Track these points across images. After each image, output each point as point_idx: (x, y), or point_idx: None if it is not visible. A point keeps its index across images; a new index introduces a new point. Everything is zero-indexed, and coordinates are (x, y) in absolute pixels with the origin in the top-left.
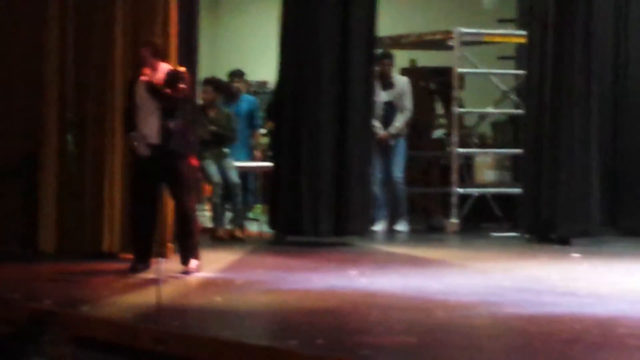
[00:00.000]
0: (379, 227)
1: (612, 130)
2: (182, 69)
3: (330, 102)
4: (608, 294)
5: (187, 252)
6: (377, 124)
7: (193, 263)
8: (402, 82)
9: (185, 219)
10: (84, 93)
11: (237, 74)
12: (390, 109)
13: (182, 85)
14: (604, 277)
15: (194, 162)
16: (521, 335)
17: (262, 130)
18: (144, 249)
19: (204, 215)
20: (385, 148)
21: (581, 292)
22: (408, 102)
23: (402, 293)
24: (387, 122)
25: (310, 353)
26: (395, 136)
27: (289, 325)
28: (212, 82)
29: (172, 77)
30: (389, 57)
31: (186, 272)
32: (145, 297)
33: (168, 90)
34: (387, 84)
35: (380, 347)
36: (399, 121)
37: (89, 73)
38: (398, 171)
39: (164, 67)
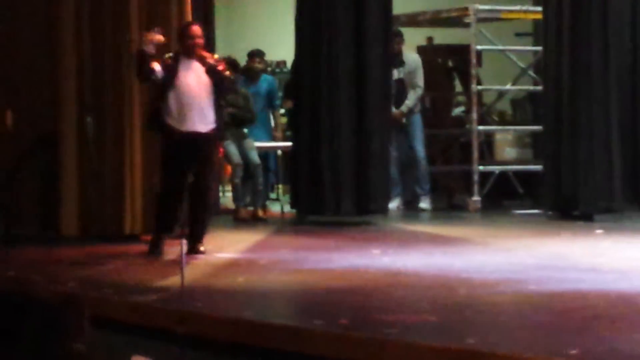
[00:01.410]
0: (393, 205)
1: (632, 105)
2: (216, 57)
3: (348, 81)
4: (632, 270)
5: (198, 236)
6: None
7: (201, 247)
8: (413, 59)
9: (203, 201)
10: (102, 75)
11: (257, 54)
12: (402, 86)
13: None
14: (628, 253)
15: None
16: (545, 312)
17: (281, 110)
18: (165, 227)
19: (226, 197)
20: (398, 126)
21: (605, 268)
22: (419, 80)
23: (425, 271)
24: (398, 100)
25: (335, 332)
26: (408, 114)
27: (312, 305)
28: (229, 63)
29: (213, 68)
30: (398, 35)
31: (195, 253)
32: (168, 279)
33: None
34: (398, 62)
35: (404, 325)
36: (411, 99)
37: (105, 55)
38: (419, 146)
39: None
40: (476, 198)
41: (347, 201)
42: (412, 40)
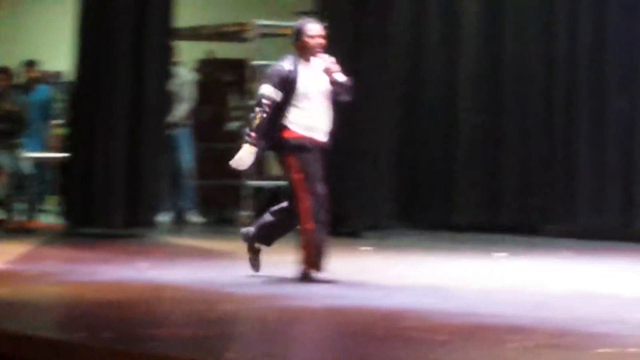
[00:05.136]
0: (163, 218)
1: (407, 123)
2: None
3: (125, 93)
4: (396, 287)
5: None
6: None
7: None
8: (183, 72)
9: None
10: None
11: (30, 64)
12: (170, 98)
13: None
14: (393, 270)
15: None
16: (308, 327)
17: (60, 121)
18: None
19: None
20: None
21: (370, 285)
22: (188, 92)
23: (190, 285)
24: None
25: (96, 345)
26: (176, 126)
27: (76, 317)
28: (4, 71)
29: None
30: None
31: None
32: None
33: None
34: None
35: (167, 339)
36: (179, 110)
37: None
38: (187, 161)
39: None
40: (246, 213)
41: (117, 213)
42: (193, 54)
